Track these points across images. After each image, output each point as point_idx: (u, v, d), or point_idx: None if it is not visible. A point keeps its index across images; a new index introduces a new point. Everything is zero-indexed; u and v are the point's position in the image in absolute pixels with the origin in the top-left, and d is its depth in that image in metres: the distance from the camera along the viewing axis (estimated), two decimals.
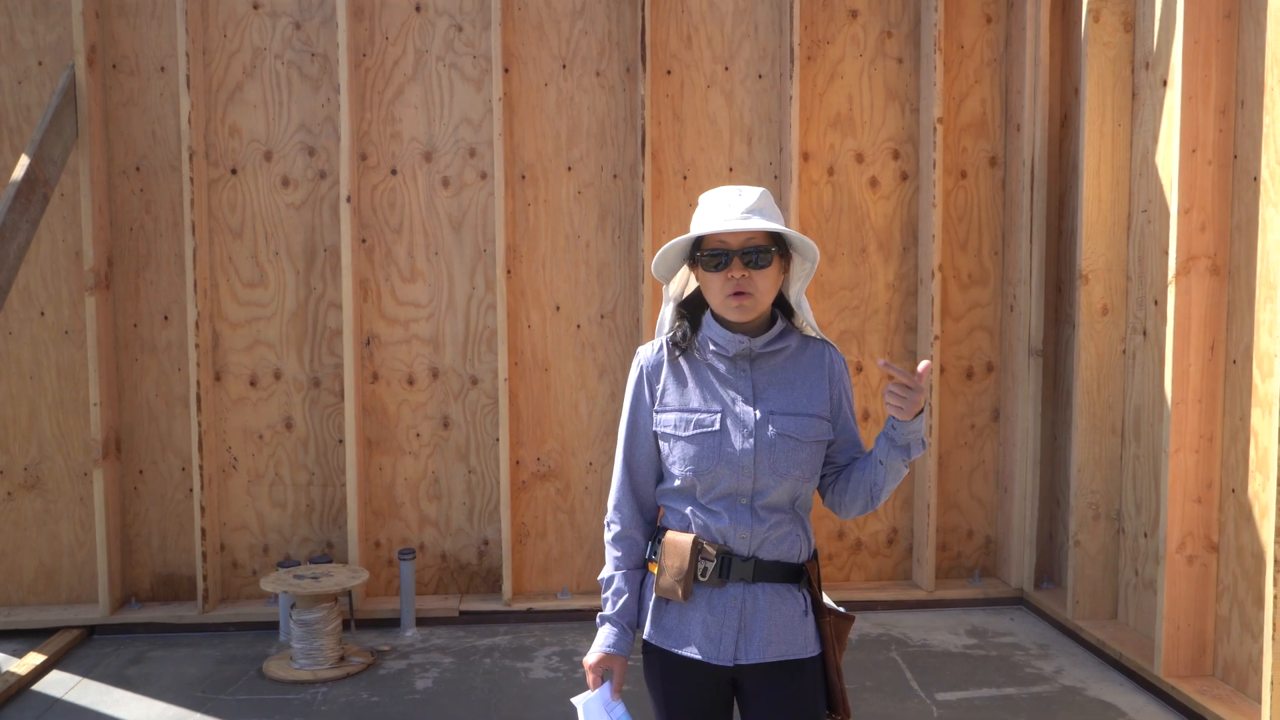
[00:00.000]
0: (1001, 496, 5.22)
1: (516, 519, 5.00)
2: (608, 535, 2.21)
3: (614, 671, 2.16)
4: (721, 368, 2.15)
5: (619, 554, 2.20)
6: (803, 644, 2.14)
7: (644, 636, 2.19)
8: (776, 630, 2.11)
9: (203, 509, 4.76)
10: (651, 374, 2.19)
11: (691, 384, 2.15)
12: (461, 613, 4.88)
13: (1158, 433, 4.24)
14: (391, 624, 4.82)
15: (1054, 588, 5.01)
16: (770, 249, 2.08)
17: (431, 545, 5.04)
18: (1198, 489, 3.96)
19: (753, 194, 2.09)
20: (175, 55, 4.74)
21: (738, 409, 2.11)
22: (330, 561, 4.72)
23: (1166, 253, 4.12)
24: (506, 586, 4.90)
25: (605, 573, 2.21)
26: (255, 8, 4.83)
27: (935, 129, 4.93)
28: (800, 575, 2.16)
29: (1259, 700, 3.62)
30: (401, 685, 4.20)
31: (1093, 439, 4.57)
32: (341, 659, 4.36)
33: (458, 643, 4.66)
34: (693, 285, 2.25)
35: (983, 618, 4.93)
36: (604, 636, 2.17)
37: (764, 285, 2.08)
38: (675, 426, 2.14)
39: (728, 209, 2.08)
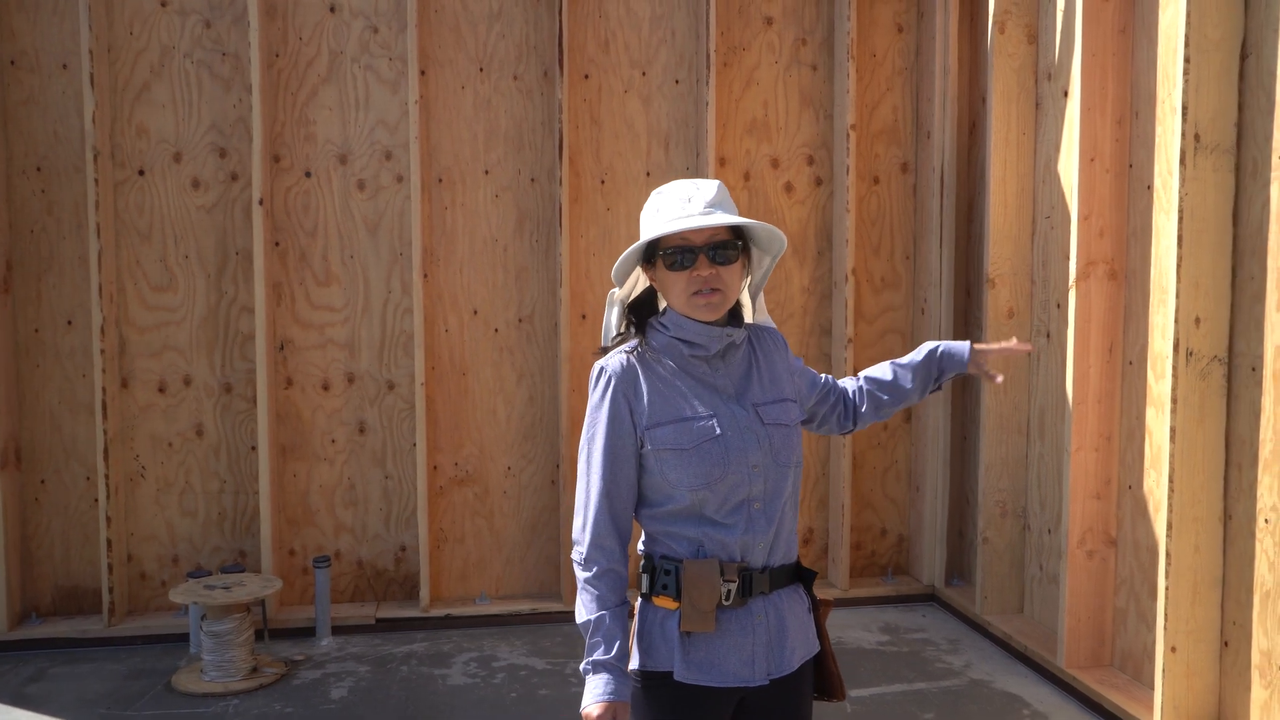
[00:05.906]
0: (914, 496, 5.34)
1: (434, 524, 4.97)
2: (587, 573, 1.98)
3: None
4: (699, 368, 2.03)
5: (603, 592, 1.97)
6: (812, 641, 2.10)
7: (675, 676, 1.99)
8: (798, 635, 2.06)
9: (108, 519, 4.63)
10: (628, 389, 1.99)
11: (674, 390, 2.00)
12: (378, 620, 4.82)
13: (1060, 432, 4.38)
14: (307, 633, 4.75)
15: (964, 584, 5.14)
16: (736, 243, 1.99)
17: (348, 552, 4.98)
18: (1097, 486, 4.10)
19: (710, 187, 1.99)
20: (79, 52, 4.61)
21: (728, 408, 2.01)
22: (243, 571, 4.63)
23: (1068, 258, 4.26)
24: (424, 592, 4.86)
25: (589, 614, 1.96)
26: (163, 5, 4.72)
27: (849, 135, 5.02)
28: (799, 573, 2.10)
29: (1153, 687, 3.76)
30: (316, 695, 4.14)
31: (1000, 439, 4.70)
32: (254, 670, 4.28)
33: (374, 650, 4.61)
34: (641, 286, 2.11)
35: (895, 615, 5.03)
36: (602, 684, 1.94)
37: (731, 281, 1.98)
38: (675, 441, 1.97)
39: (687, 204, 1.96)
